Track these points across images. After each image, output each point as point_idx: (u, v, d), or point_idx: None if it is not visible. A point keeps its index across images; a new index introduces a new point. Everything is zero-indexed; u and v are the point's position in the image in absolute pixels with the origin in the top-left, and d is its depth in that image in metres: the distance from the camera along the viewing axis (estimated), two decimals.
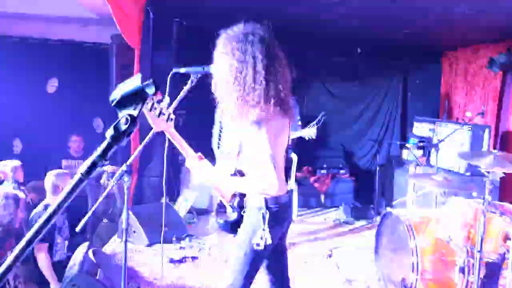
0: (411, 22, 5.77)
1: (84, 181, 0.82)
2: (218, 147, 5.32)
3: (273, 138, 2.14)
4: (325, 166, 7.54)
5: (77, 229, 2.22)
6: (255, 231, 2.25)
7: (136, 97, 0.88)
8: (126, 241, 2.22)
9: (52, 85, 6.91)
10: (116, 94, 0.88)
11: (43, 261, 3.98)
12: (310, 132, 5.21)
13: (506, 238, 3.14)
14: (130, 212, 5.19)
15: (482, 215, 3.01)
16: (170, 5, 5.50)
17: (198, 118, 5.84)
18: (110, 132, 0.84)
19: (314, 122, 5.27)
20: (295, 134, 5.34)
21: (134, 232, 5.04)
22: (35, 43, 6.72)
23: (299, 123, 5.63)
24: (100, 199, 2.21)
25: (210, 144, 5.40)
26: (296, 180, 6.49)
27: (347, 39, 7.25)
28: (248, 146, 2.26)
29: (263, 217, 2.22)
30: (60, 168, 5.77)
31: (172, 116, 2.04)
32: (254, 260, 2.30)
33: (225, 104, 2.23)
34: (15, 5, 5.84)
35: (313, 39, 7.23)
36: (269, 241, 2.23)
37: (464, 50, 7.52)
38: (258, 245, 2.22)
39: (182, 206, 5.91)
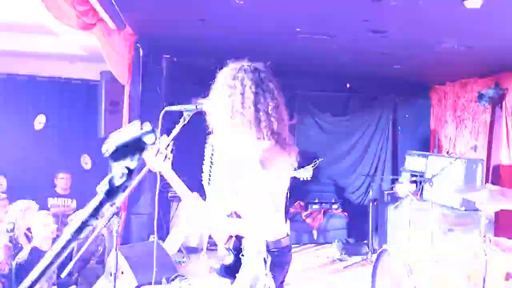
0: (400, 58, 5.81)
1: (74, 241, 0.73)
2: (209, 184, 5.22)
3: (273, 176, 2.05)
4: (317, 201, 7.44)
5: (62, 275, 2.09)
6: (256, 277, 2.13)
7: (134, 147, 0.78)
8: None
9: (40, 122, 6.80)
10: (111, 144, 0.78)
11: None
12: (306, 174, 5.18)
13: (508, 276, 3.05)
14: (119, 252, 5.00)
15: (483, 253, 2.93)
16: (161, 41, 5.49)
17: (187, 154, 5.75)
18: (103, 187, 0.75)
19: (311, 165, 5.24)
20: (291, 174, 5.26)
21: (122, 273, 4.86)
22: (23, 79, 6.65)
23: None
24: (86, 245, 2.09)
25: (200, 180, 5.30)
26: (287, 216, 6.36)
27: (337, 75, 7.29)
28: (245, 186, 2.16)
29: (264, 262, 2.11)
30: (46, 207, 5.61)
31: (170, 156, 1.96)
32: None
33: (217, 132, 2.21)
34: (2, 42, 5.79)
35: (304, 74, 7.26)
36: (273, 287, 2.12)
37: (452, 85, 7.58)
38: None
39: (171, 245, 5.74)
